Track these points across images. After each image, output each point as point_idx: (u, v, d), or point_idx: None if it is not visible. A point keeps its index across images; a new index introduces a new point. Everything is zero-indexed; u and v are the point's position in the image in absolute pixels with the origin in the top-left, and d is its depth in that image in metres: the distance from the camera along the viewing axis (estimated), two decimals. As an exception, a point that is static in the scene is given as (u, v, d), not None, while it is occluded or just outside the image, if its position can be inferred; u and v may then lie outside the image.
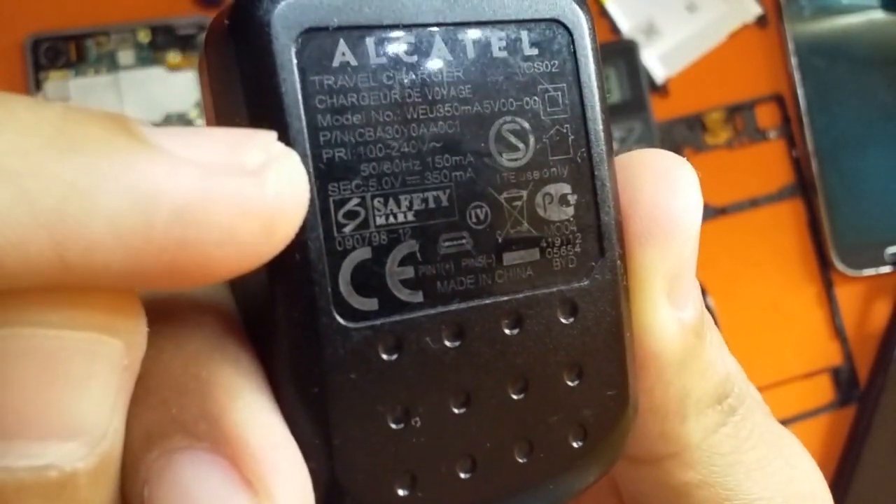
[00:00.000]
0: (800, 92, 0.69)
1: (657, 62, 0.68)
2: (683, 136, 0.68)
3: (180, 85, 0.58)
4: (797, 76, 0.69)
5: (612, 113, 0.66)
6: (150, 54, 0.58)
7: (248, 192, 0.13)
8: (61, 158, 0.12)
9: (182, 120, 0.58)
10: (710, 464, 0.20)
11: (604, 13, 0.67)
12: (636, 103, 0.65)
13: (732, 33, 0.69)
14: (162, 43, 0.58)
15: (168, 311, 0.15)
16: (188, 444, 0.14)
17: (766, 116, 0.70)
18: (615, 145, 0.69)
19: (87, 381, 0.13)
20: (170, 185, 0.12)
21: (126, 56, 0.58)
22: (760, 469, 0.21)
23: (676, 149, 0.67)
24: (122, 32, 0.58)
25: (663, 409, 0.19)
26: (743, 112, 0.69)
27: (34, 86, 0.56)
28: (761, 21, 0.70)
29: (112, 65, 0.57)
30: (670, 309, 0.18)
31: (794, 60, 0.69)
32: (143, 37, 0.58)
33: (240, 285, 0.17)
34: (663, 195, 0.18)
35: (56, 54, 0.56)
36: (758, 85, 0.70)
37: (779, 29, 0.70)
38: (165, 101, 0.58)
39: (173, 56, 0.59)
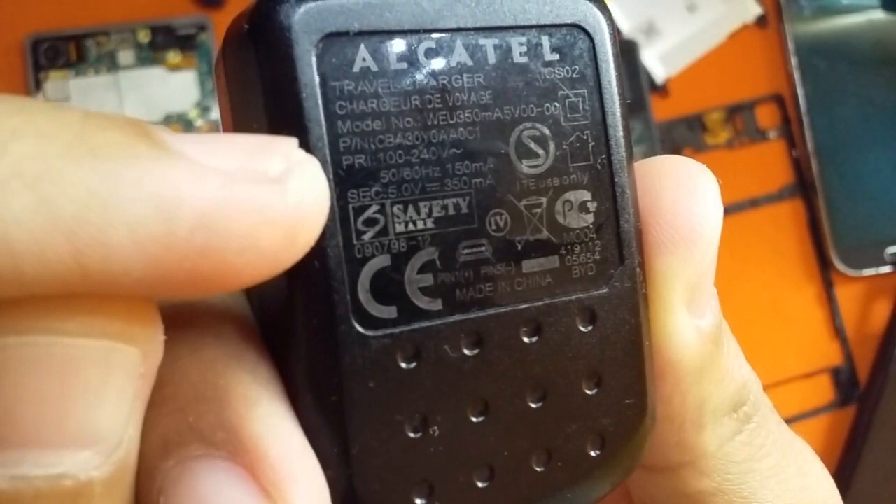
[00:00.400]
0: (800, 92, 0.69)
1: (657, 62, 0.68)
2: (683, 136, 0.68)
3: (180, 85, 0.58)
4: (797, 76, 0.69)
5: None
6: (150, 54, 0.58)
7: (270, 199, 0.13)
8: (82, 165, 0.11)
9: (182, 120, 0.58)
10: (726, 472, 0.20)
11: (604, 13, 0.67)
12: (636, 103, 0.65)
13: (732, 33, 0.69)
14: (162, 43, 0.58)
15: (185, 319, 0.15)
16: (205, 452, 0.14)
17: (766, 116, 0.70)
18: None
19: (103, 389, 0.12)
20: (192, 192, 0.12)
21: (126, 56, 0.57)
22: (775, 476, 0.21)
23: (676, 149, 0.67)
24: (122, 32, 0.57)
25: (681, 417, 0.19)
26: (743, 112, 0.69)
27: (34, 86, 0.55)
28: (761, 21, 0.70)
29: (112, 65, 0.57)
30: (689, 317, 0.18)
31: (794, 60, 0.69)
32: (143, 37, 0.58)
33: (257, 293, 0.17)
34: (684, 203, 0.18)
35: (56, 54, 0.56)
36: (758, 85, 0.70)
37: (779, 29, 0.70)
38: (165, 101, 0.58)
39: (173, 56, 0.58)
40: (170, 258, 0.12)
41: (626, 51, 0.66)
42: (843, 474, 0.67)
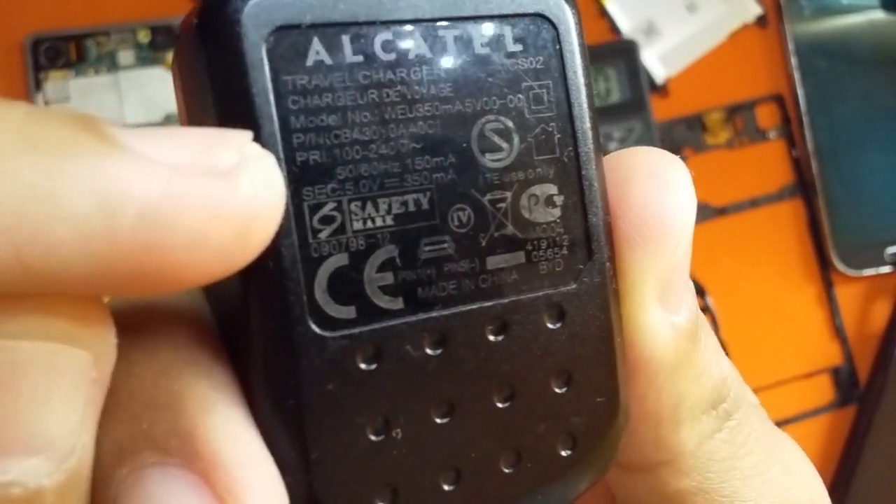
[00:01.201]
0: (800, 92, 0.69)
1: (657, 62, 0.68)
2: (683, 136, 0.68)
3: (180, 85, 0.58)
4: (797, 76, 0.69)
5: (612, 113, 0.66)
6: (150, 54, 0.58)
7: (220, 194, 0.12)
8: (21, 160, 0.11)
9: (182, 120, 0.58)
10: (706, 470, 0.20)
11: (604, 13, 0.67)
12: (636, 103, 0.65)
13: (732, 33, 0.69)
14: (162, 43, 0.58)
15: (140, 322, 0.15)
16: (159, 459, 0.13)
17: (766, 116, 0.70)
18: (615, 145, 0.68)
19: (51, 393, 0.12)
20: (136, 186, 0.12)
21: (126, 56, 0.58)
22: (758, 475, 0.20)
23: (676, 149, 0.67)
24: (122, 32, 0.58)
25: (656, 415, 0.19)
26: (743, 112, 0.69)
27: (34, 86, 0.56)
28: (761, 21, 0.70)
29: (112, 65, 0.57)
30: (663, 313, 0.18)
31: (794, 60, 0.69)
32: (143, 37, 0.58)
33: (214, 293, 0.16)
34: (654, 195, 0.17)
35: (56, 54, 0.56)
36: (758, 85, 0.70)
37: (779, 29, 0.70)
38: (165, 101, 0.58)
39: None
40: (114, 254, 0.12)
41: (626, 51, 0.66)
42: (843, 474, 0.66)
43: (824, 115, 0.69)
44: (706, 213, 0.67)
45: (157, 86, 0.58)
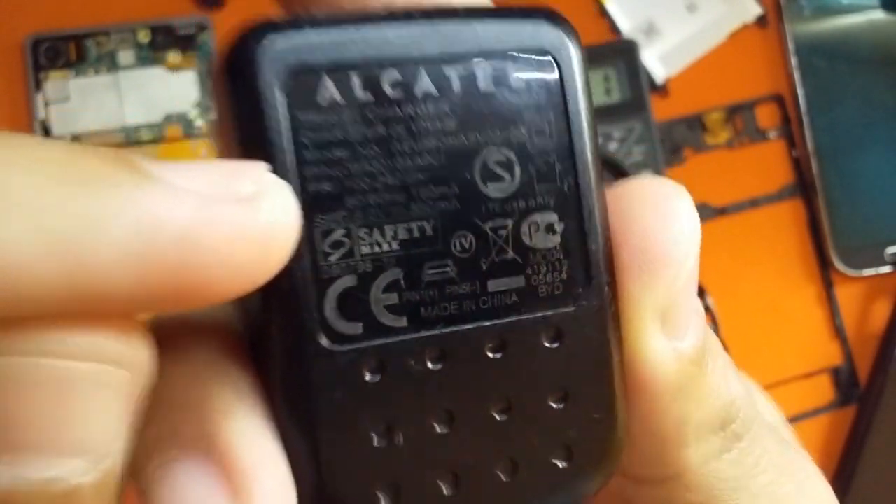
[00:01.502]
0: (800, 92, 0.69)
1: (657, 62, 0.68)
2: (683, 136, 0.68)
3: (180, 85, 0.58)
4: (797, 76, 0.69)
5: (612, 113, 0.66)
6: (150, 54, 0.58)
7: (244, 217, 0.14)
8: (73, 193, 0.13)
9: (182, 120, 0.58)
10: (712, 488, 0.20)
11: (604, 13, 0.67)
12: (636, 103, 0.65)
13: (732, 33, 0.69)
14: (162, 43, 0.58)
15: (174, 333, 0.16)
16: (184, 456, 0.15)
17: (766, 116, 0.70)
18: (615, 145, 0.68)
19: (95, 407, 0.14)
20: (171, 213, 0.13)
21: (126, 56, 0.58)
22: (769, 494, 0.20)
23: (676, 149, 0.67)
24: (122, 32, 0.58)
25: (660, 434, 0.19)
26: (743, 112, 0.69)
27: (34, 86, 0.56)
28: (761, 21, 0.70)
29: (112, 65, 0.57)
30: (664, 339, 0.18)
31: (794, 60, 0.69)
32: (143, 37, 0.58)
33: (242, 308, 0.18)
34: (655, 226, 0.18)
35: (56, 54, 0.56)
36: (758, 85, 0.70)
37: (779, 29, 0.70)
38: (165, 101, 0.58)
39: (173, 56, 0.59)
40: (154, 275, 0.13)
41: (626, 51, 0.66)
42: (843, 474, 0.67)
43: (824, 115, 0.69)
44: (706, 212, 0.67)
45: (157, 86, 0.58)
